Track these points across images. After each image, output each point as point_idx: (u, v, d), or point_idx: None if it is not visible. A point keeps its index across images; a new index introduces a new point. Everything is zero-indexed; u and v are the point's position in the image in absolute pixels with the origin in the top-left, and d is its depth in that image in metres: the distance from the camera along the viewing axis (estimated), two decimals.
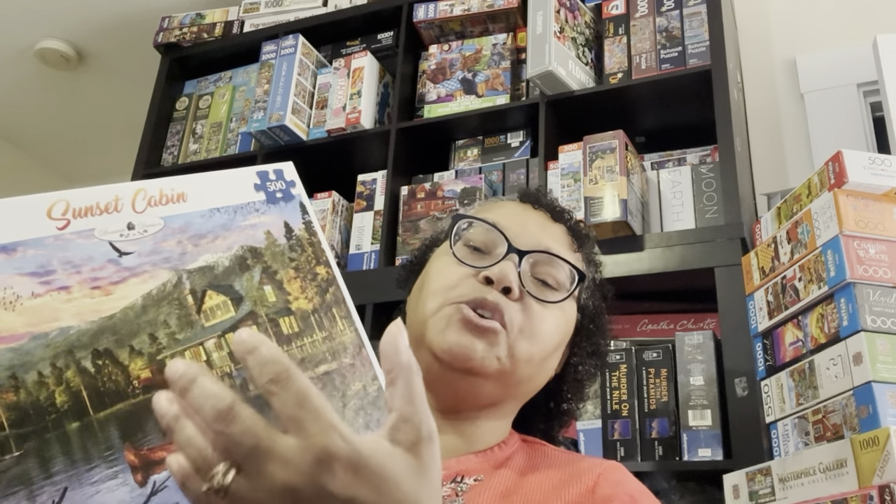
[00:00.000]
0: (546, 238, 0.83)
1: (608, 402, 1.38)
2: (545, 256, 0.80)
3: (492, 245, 0.80)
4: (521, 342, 0.76)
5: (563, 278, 0.81)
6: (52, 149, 3.03)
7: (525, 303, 0.77)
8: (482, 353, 0.74)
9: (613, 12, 1.76)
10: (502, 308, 0.75)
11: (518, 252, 0.78)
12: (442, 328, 0.75)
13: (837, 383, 0.99)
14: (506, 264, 0.77)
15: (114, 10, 2.41)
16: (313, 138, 1.91)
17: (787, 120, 1.89)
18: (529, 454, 0.82)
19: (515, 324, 0.76)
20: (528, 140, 1.78)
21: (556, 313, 0.80)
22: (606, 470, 0.78)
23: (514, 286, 0.76)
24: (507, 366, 0.76)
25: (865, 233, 1.03)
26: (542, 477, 0.77)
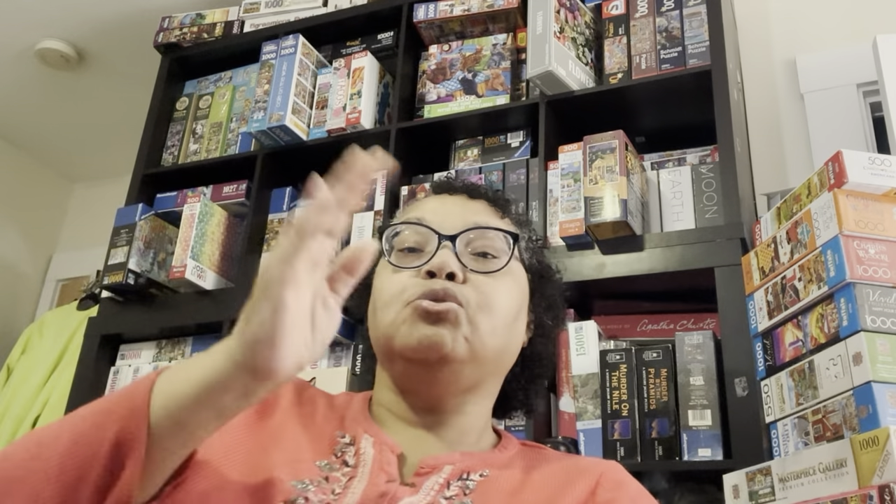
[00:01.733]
0: (470, 215, 0.84)
1: (608, 402, 1.38)
2: (475, 232, 0.82)
3: (424, 242, 0.82)
4: (480, 316, 0.78)
5: (500, 245, 0.83)
6: (52, 149, 3.03)
7: (473, 281, 0.79)
8: (449, 336, 0.75)
9: (613, 12, 1.76)
10: (453, 291, 0.77)
11: (448, 237, 0.80)
12: (405, 331, 0.77)
13: (837, 383, 0.99)
14: (441, 253, 0.79)
15: (114, 10, 2.41)
16: (313, 138, 1.92)
17: (786, 120, 1.89)
18: (530, 456, 0.83)
19: (471, 301, 0.77)
20: (528, 140, 1.78)
21: (506, 280, 0.82)
22: (607, 471, 0.79)
23: (456, 269, 0.78)
24: (475, 343, 0.77)
25: (865, 233, 1.03)
26: (546, 475, 0.78)
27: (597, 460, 0.83)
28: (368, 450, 0.77)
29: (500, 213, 0.87)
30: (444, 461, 0.76)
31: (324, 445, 0.77)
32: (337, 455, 0.76)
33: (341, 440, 0.78)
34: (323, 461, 0.75)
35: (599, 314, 1.58)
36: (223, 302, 1.81)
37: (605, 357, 1.41)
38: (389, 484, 0.72)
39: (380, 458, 0.76)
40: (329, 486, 0.72)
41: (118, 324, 1.91)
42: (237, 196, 1.98)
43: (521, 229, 0.89)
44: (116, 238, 1.91)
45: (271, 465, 0.72)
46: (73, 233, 3.11)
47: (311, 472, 0.73)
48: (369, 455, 0.76)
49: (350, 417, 0.82)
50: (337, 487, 0.72)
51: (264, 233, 1.91)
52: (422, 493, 0.72)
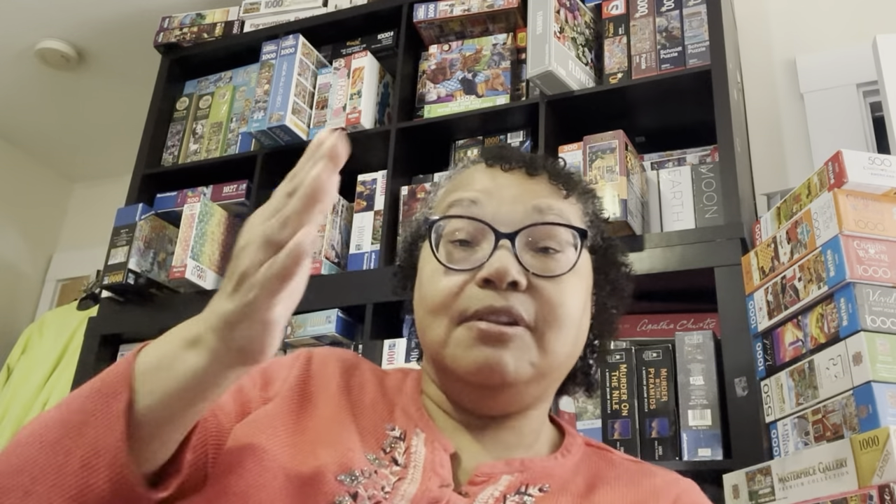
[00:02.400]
0: (530, 202, 0.73)
1: (608, 402, 1.38)
2: (538, 228, 0.72)
3: (477, 233, 0.72)
4: (550, 334, 0.69)
5: (563, 237, 0.73)
6: (52, 149, 3.03)
7: (536, 287, 0.70)
8: (513, 364, 0.68)
9: (613, 12, 1.76)
10: (515, 309, 0.68)
11: (507, 236, 0.70)
12: (460, 353, 0.69)
13: (837, 383, 0.99)
14: (500, 254, 0.69)
15: (114, 11, 2.41)
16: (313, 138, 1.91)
17: (786, 120, 1.89)
18: (595, 463, 0.76)
19: (537, 318, 0.69)
20: (528, 140, 1.78)
21: (572, 278, 0.72)
22: (683, 493, 0.73)
23: (518, 277, 0.68)
24: (543, 365, 0.70)
25: (865, 233, 1.03)
26: (613, 493, 0.71)
27: (670, 479, 0.75)
28: (420, 448, 0.70)
29: (564, 192, 0.76)
30: (501, 470, 0.70)
31: (372, 438, 0.71)
32: (386, 451, 0.70)
33: (391, 433, 0.72)
34: (371, 455, 0.69)
35: None
36: None
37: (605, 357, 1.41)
38: (443, 489, 0.67)
39: (432, 458, 0.69)
40: (378, 481, 0.66)
41: (118, 324, 1.91)
42: (237, 196, 1.98)
43: (586, 203, 0.79)
44: (116, 238, 1.91)
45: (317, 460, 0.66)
46: (73, 233, 3.11)
47: (362, 464, 0.67)
48: (421, 454, 0.70)
49: (401, 406, 0.75)
50: (386, 485, 0.66)
51: None
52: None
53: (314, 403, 0.73)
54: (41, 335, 2.44)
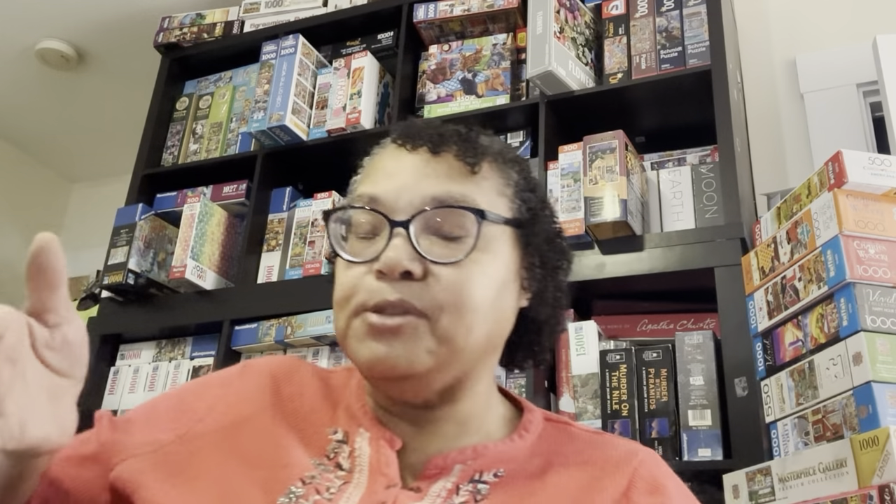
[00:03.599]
0: (429, 185, 0.69)
1: (608, 402, 1.38)
2: (435, 212, 0.68)
3: (377, 224, 0.69)
4: (447, 320, 0.65)
5: (466, 219, 0.68)
6: (52, 149, 3.03)
7: (433, 274, 0.66)
8: (404, 356, 0.65)
9: (613, 12, 1.76)
10: (409, 301, 0.65)
11: (400, 223, 0.67)
12: (354, 346, 0.67)
13: (837, 383, 0.99)
14: (394, 244, 0.66)
15: (114, 10, 2.41)
16: (313, 138, 1.91)
17: (786, 120, 1.89)
18: (554, 439, 0.74)
19: (432, 304, 0.65)
20: (528, 140, 1.78)
21: (479, 260, 0.68)
22: (641, 466, 0.70)
23: (410, 266, 0.65)
24: (442, 353, 0.66)
25: (865, 233, 1.03)
26: (570, 473, 0.70)
27: (630, 449, 0.72)
28: (364, 448, 0.69)
29: (471, 167, 0.71)
30: (453, 460, 0.69)
31: (315, 445, 0.70)
32: (330, 456, 0.69)
33: (333, 437, 0.71)
34: (316, 460, 0.69)
35: (599, 314, 1.58)
36: (223, 302, 1.81)
37: (605, 357, 1.41)
38: (389, 490, 0.66)
39: (377, 458, 0.68)
40: (323, 484, 0.66)
41: (118, 324, 1.91)
42: (237, 196, 1.98)
43: (505, 173, 0.75)
44: (116, 238, 1.91)
45: (249, 486, 0.66)
46: (73, 233, 3.11)
47: (303, 471, 0.67)
48: (366, 455, 0.69)
49: (344, 406, 0.73)
50: (331, 487, 0.66)
51: (264, 233, 1.91)
52: (427, 500, 0.66)
53: (242, 429, 0.72)
54: None
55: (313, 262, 1.77)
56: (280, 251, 1.87)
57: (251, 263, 1.86)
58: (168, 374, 1.85)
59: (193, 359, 1.85)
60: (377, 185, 0.71)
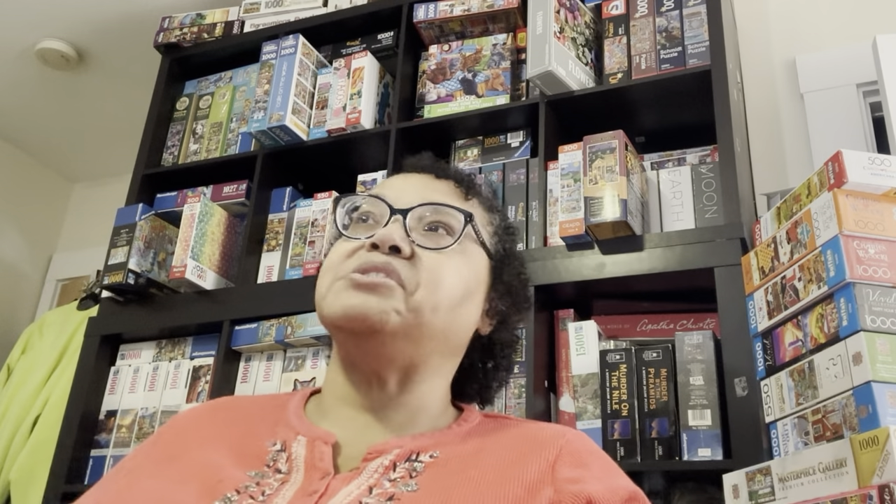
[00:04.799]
0: (429, 192, 0.82)
1: (608, 402, 1.38)
2: (430, 208, 0.80)
3: (379, 215, 0.80)
4: (421, 292, 0.75)
5: (455, 224, 0.80)
6: (52, 149, 3.03)
7: (419, 257, 0.76)
8: (377, 307, 0.72)
9: (613, 12, 1.76)
10: (393, 266, 0.74)
11: (400, 211, 0.78)
12: (334, 299, 0.75)
13: (837, 383, 0.99)
14: (390, 226, 0.77)
15: (114, 10, 2.41)
16: (313, 138, 1.92)
17: (786, 120, 1.90)
18: (489, 428, 0.80)
19: (412, 279, 0.75)
20: (528, 140, 1.78)
21: (457, 258, 0.79)
22: (568, 443, 0.75)
23: (400, 242, 0.75)
24: (409, 318, 0.74)
25: (865, 233, 1.03)
26: (500, 450, 0.74)
27: (557, 429, 0.78)
28: (300, 451, 0.74)
29: (465, 195, 0.84)
30: (392, 445, 0.74)
31: (254, 459, 0.75)
32: (269, 465, 0.74)
33: (272, 449, 0.75)
34: (253, 471, 0.73)
35: (599, 314, 1.58)
36: (223, 302, 1.81)
37: (604, 357, 1.41)
38: (323, 480, 0.70)
39: (311, 456, 0.73)
40: (258, 489, 0.70)
41: (118, 324, 1.91)
42: (237, 196, 1.98)
43: (490, 213, 0.87)
44: (116, 238, 1.91)
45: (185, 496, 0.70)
46: (73, 233, 3.11)
47: (239, 482, 0.71)
48: (301, 457, 0.74)
49: (282, 421, 0.79)
50: (268, 489, 0.70)
51: (264, 233, 1.91)
52: (363, 475, 0.70)
53: (177, 458, 0.76)
54: (41, 335, 2.44)
55: (313, 262, 1.77)
56: (280, 251, 1.87)
57: (251, 263, 1.86)
58: (168, 374, 1.85)
59: (194, 359, 1.85)
60: (384, 188, 0.84)
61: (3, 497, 2.16)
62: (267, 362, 1.76)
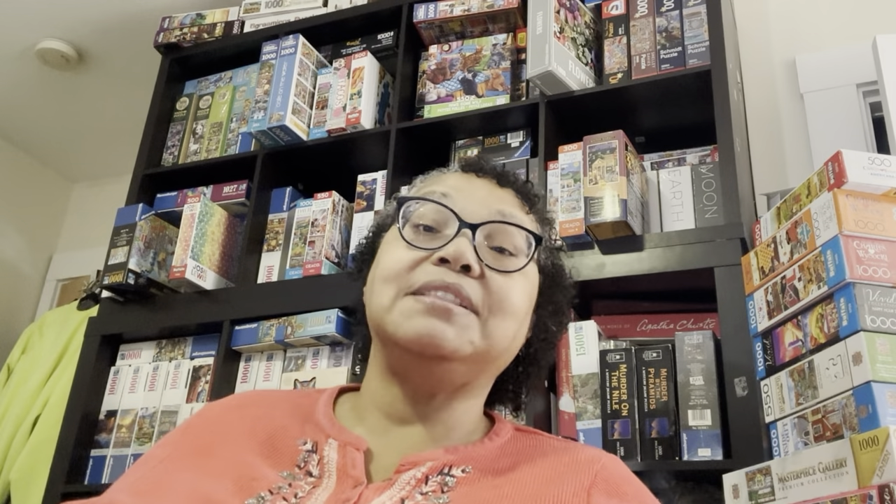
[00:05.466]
0: (496, 205, 0.79)
1: (608, 402, 1.38)
2: (499, 225, 0.77)
3: (442, 222, 0.77)
4: (493, 321, 0.73)
5: (520, 243, 0.78)
6: (52, 149, 3.03)
7: (487, 277, 0.74)
8: (454, 338, 0.71)
9: (613, 12, 1.76)
10: (465, 289, 0.72)
11: (470, 226, 0.75)
12: (404, 319, 0.71)
13: (837, 383, 0.99)
14: (459, 241, 0.73)
15: (114, 11, 2.41)
16: (313, 138, 1.92)
17: (786, 120, 1.90)
18: (522, 444, 0.79)
19: (483, 303, 0.73)
20: (528, 140, 1.78)
21: (521, 280, 0.77)
22: (604, 469, 0.74)
23: (473, 262, 0.73)
24: (481, 348, 0.73)
25: (865, 233, 1.03)
26: (534, 469, 0.74)
27: (594, 453, 0.77)
28: (332, 455, 0.73)
29: (527, 208, 0.82)
30: (426, 457, 0.73)
31: (286, 458, 0.74)
32: (300, 466, 0.73)
33: (303, 448, 0.75)
34: (286, 472, 0.72)
35: (599, 314, 1.58)
36: (223, 302, 1.81)
37: (605, 357, 1.41)
38: (356, 489, 0.69)
39: (343, 462, 0.72)
40: (291, 490, 0.69)
41: (118, 324, 1.91)
42: (237, 196, 1.98)
43: (544, 228, 0.85)
44: (116, 238, 1.91)
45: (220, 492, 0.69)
46: (73, 233, 3.11)
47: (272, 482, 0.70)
48: (333, 461, 0.73)
49: (312, 420, 0.78)
50: (300, 492, 0.69)
51: (264, 233, 1.91)
52: (395, 487, 0.69)
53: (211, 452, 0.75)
54: (41, 335, 2.44)
55: (313, 262, 1.77)
56: (280, 251, 1.87)
57: (251, 263, 1.86)
58: (168, 374, 1.85)
59: (194, 359, 1.85)
60: (448, 190, 0.79)
61: (3, 497, 2.16)
62: (267, 362, 1.76)
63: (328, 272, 1.75)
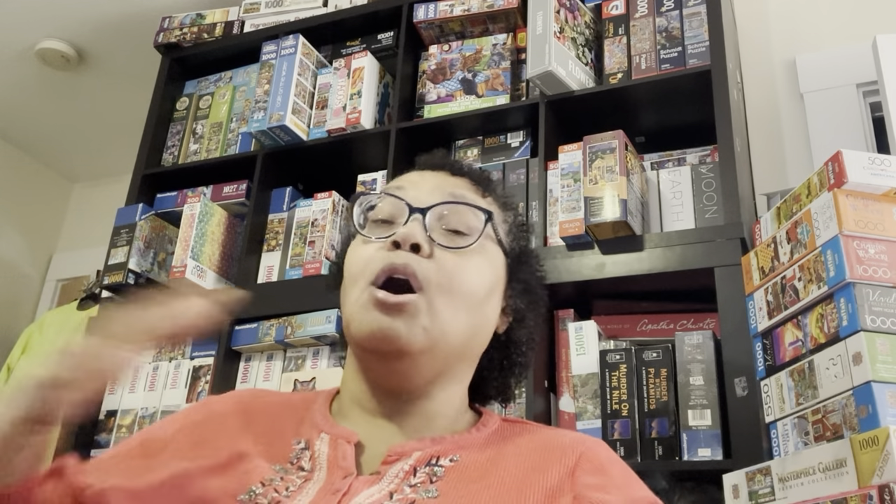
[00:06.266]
0: (446, 190, 0.81)
1: (608, 402, 1.38)
2: (449, 206, 0.79)
3: (397, 214, 0.79)
4: (441, 298, 0.74)
5: (473, 223, 0.79)
6: (52, 149, 3.03)
7: (438, 257, 0.75)
8: (405, 331, 0.72)
9: (613, 12, 1.76)
10: (413, 267, 0.73)
11: (419, 210, 0.77)
12: (359, 317, 0.73)
13: (837, 383, 0.99)
14: (410, 224, 0.76)
15: (114, 10, 2.41)
16: (313, 138, 1.92)
17: (786, 120, 1.90)
18: (509, 432, 0.80)
19: (432, 280, 0.74)
20: (528, 140, 1.78)
21: (476, 258, 0.78)
22: (588, 450, 0.75)
23: (421, 241, 0.74)
24: (434, 332, 0.73)
25: (865, 233, 1.03)
26: (520, 456, 0.74)
27: (578, 437, 0.78)
28: (324, 450, 0.75)
29: (482, 192, 0.84)
30: (412, 448, 0.74)
31: (280, 455, 0.75)
32: (292, 462, 0.74)
33: (297, 447, 0.76)
34: (278, 466, 0.74)
35: (599, 314, 1.58)
36: None
37: (605, 357, 1.41)
38: (346, 479, 0.71)
39: (335, 454, 0.74)
40: (283, 484, 0.71)
41: None
42: (237, 196, 1.98)
43: (505, 211, 0.86)
44: (116, 238, 1.91)
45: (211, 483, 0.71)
46: (73, 233, 3.11)
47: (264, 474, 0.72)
48: (324, 455, 0.74)
49: (308, 420, 0.80)
50: (291, 486, 0.71)
51: (264, 233, 1.91)
52: (384, 480, 0.71)
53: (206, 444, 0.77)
54: (41, 335, 2.44)
55: (313, 262, 1.77)
56: (280, 251, 1.87)
57: (251, 263, 1.86)
58: (168, 374, 1.85)
59: (193, 359, 1.85)
60: (401, 183, 0.83)
61: None
62: (267, 362, 1.76)
63: (328, 272, 1.75)
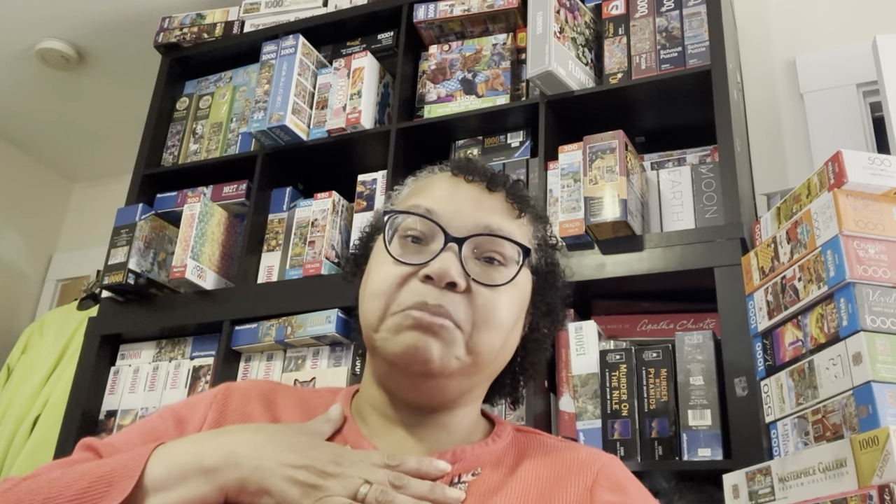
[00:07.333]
0: (484, 215, 0.78)
1: (608, 402, 1.38)
2: (486, 238, 0.77)
3: (429, 234, 0.77)
4: (478, 335, 0.74)
5: (509, 252, 0.78)
6: (52, 149, 3.03)
7: (473, 291, 0.75)
8: (439, 354, 0.72)
9: (613, 12, 1.76)
10: (447, 309, 0.72)
11: (455, 240, 0.75)
12: (392, 335, 0.73)
13: (837, 383, 0.99)
14: (445, 256, 0.74)
15: (114, 10, 2.41)
16: (313, 138, 1.92)
17: (786, 120, 1.89)
18: (524, 444, 0.81)
19: (468, 319, 0.74)
20: (528, 140, 1.78)
21: (510, 291, 0.78)
22: (605, 467, 0.76)
23: (458, 279, 0.73)
24: (467, 362, 0.74)
25: (865, 233, 1.03)
26: (537, 471, 0.76)
27: (594, 453, 0.80)
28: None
29: (518, 212, 0.81)
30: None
31: None
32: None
33: None
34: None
35: (599, 314, 1.58)
36: (223, 302, 1.81)
37: (605, 357, 1.41)
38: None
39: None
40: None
41: (118, 324, 1.91)
42: (237, 196, 1.98)
43: (538, 227, 0.85)
44: (116, 238, 1.91)
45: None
46: (73, 233, 3.11)
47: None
48: None
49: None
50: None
51: (264, 233, 1.91)
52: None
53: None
54: (41, 335, 2.44)
55: (313, 262, 1.77)
56: (280, 251, 1.87)
57: (251, 263, 1.86)
58: (168, 374, 1.85)
59: (194, 359, 1.85)
60: (435, 201, 0.79)
61: None
62: (267, 362, 1.76)
63: (328, 272, 1.75)
